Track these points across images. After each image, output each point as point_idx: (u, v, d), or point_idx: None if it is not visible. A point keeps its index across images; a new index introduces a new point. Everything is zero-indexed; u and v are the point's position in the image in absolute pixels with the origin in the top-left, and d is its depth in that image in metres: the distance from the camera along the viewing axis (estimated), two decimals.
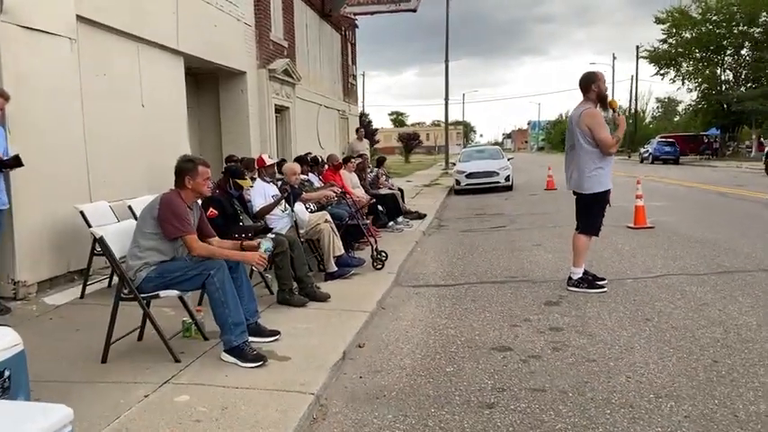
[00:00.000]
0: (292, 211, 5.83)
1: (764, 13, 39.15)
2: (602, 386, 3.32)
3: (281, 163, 7.65)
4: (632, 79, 48.97)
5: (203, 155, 9.96)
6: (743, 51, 41.56)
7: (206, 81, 11.01)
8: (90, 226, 5.30)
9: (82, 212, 5.54)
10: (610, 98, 5.48)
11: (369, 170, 11.36)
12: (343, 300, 5.21)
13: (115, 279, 5.34)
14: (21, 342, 2.66)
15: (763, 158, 22.95)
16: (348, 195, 7.54)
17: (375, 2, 15.84)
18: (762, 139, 34.20)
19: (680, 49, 42.82)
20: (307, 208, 6.47)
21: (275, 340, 4.10)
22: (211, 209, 4.98)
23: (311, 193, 6.87)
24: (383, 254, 6.62)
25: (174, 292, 3.87)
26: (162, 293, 3.81)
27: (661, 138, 37.56)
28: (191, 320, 4.25)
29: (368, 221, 7.97)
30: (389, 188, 10.68)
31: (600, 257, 6.69)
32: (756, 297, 4.90)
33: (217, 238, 4.26)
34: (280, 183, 6.25)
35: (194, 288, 3.92)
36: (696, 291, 5.21)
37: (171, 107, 8.49)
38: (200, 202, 4.31)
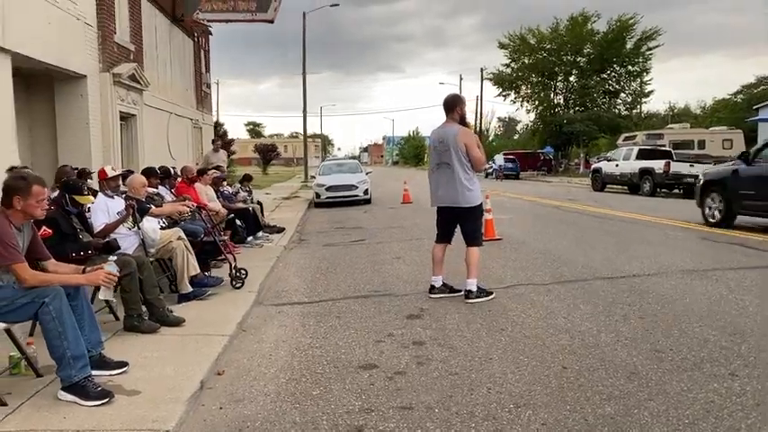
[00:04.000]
0: (139, 228, 5.38)
1: (588, 45, 44.01)
2: (466, 399, 3.39)
3: (126, 175, 7.05)
4: (477, 99, 52.37)
5: (35, 164, 8.98)
6: (571, 78, 46.29)
7: (39, 83, 9.94)
8: None
9: None
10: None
11: (228, 184, 10.92)
12: (199, 323, 4.88)
13: None
14: None
15: (590, 175, 25.65)
16: (203, 209, 7.14)
17: (230, 9, 15.34)
18: (588, 157, 38.14)
19: (520, 74, 46.72)
20: (160, 224, 6.01)
21: (123, 372, 3.72)
22: (45, 228, 4.43)
23: (162, 207, 6.40)
24: (243, 271, 6.35)
25: (1, 325, 3.36)
26: None
27: (504, 155, 40.47)
28: (19, 355, 3.72)
29: (225, 237, 7.61)
30: (244, 203, 10.30)
31: (455, 270, 6.94)
32: (595, 304, 5.35)
33: (53, 260, 3.79)
34: (124, 196, 5.74)
35: (25, 319, 3.44)
36: (543, 300, 5.58)
37: None
38: (31, 220, 3.80)
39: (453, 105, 5.66)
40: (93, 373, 3.46)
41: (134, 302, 4.67)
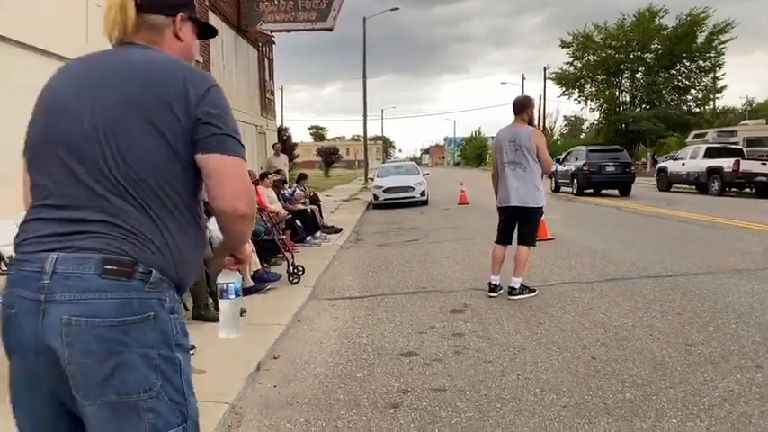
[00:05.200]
0: (205, 227, 5.90)
1: (656, 41, 42.68)
2: (495, 383, 3.67)
3: None
4: (540, 99, 51.68)
5: None
6: (638, 75, 45.01)
7: None
8: None
9: None
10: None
11: (287, 186, 11.50)
12: (259, 314, 5.35)
13: None
14: None
15: (655, 175, 24.98)
16: (264, 211, 7.67)
17: (291, 20, 16.01)
18: (656, 156, 37.00)
19: (584, 72, 45.79)
20: None
21: (191, 355, 4.19)
22: None
23: None
24: (300, 268, 6.80)
25: None
26: None
27: (567, 154, 39.76)
28: None
29: (284, 237, 8.12)
30: (303, 204, 10.84)
31: (503, 269, 7.17)
32: (635, 301, 5.48)
33: None
34: None
35: None
36: (584, 297, 5.75)
37: None
38: None
39: (524, 107, 5.82)
40: None
41: (201, 294, 5.18)
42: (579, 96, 46.73)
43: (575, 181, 20.81)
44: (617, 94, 46.04)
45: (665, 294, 5.67)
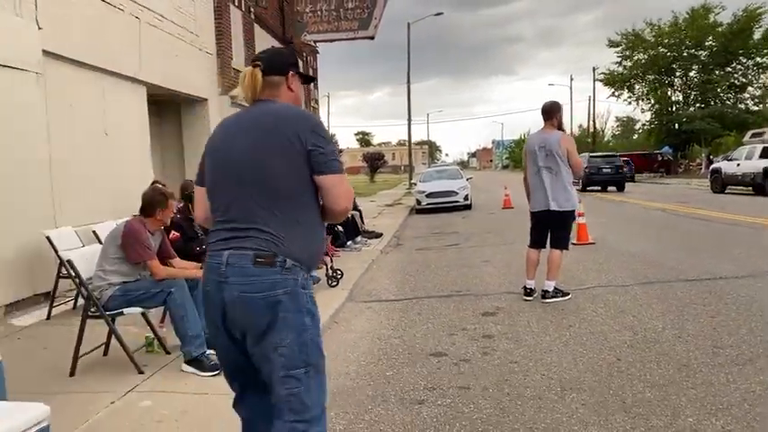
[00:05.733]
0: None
1: (710, 38, 41.31)
2: (518, 382, 3.80)
3: None
4: (590, 99, 50.76)
5: (167, 180, 10.26)
6: (691, 73, 43.62)
7: (169, 107, 11.35)
8: (56, 250, 5.61)
9: (48, 237, 5.83)
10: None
11: None
12: None
13: (80, 301, 5.63)
14: None
15: (709, 176, 24.23)
16: None
17: (334, 30, 16.39)
18: (711, 156, 35.80)
19: (634, 71, 44.68)
20: None
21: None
22: (173, 232, 5.35)
23: None
24: (338, 272, 7.05)
25: (138, 310, 4.24)
26: (126, 311, 4.18)
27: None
28: (153, 336, 4.60)
29: None
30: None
31: (539, 272, 7.22)
32: (669, 304, 5.48)
33: (177, 258, 4.64)
34: None
35: (157, 305, 4.28)
36: (618, 300, 5.77)
37: (134, 134, 8.83)
38: (162, 227, 4.69)
39: (552, 112, 5.91)
40: (209, 351, 4.23)
41: None
42: (629, 97, 45.65)
43: (580, 181, 24.17)
44: (669, 93, 44.74)
45: (701, 298, 5.64)
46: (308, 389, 2.10)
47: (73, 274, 4.37)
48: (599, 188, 25.56)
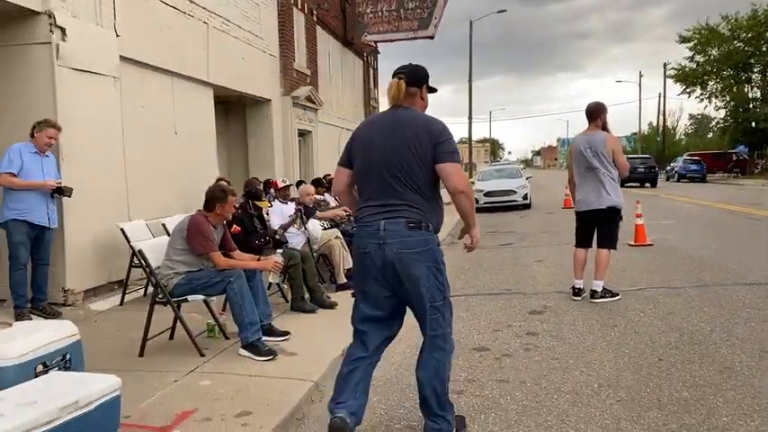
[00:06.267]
0: (305, 228, 6.53)
1: None
2: (557, 378, 3.90)
3: (299, 184, 8.38)
4: (659, 97, 48.98)
5: (231, 177, 10.78)
6: None
7: (234, 108, 11.89)
8: (129, 242, 6.08)
9: (122, 230, 6.32)
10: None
11: None
12: (349, 307, 5.74)
13: (150, 289, 6.08)
14: (78, 333, 3.40)
15: None
16: None
17: (394, 30, 16.64)
18: None
19: (707, 68, 42.78)
20: (322, 226, 7.17)
21: (285, 339, 4.77)
22: (235, 226, 5.71)
23: (325, 212, 7.57)
24: None
25: (200, 297, 4.59)
26: (190, 297, 4.54)
27: (688, 156, 37.43)
28: (214, 322, 4.96)
29: None
30: None
31: (588, 272, 7.20)
32: (721, 307, 5.40)
33: (237, 251, 4.97)
34: (295, 202, 6.96)
35: (217, 293, 4.62)
36: (669, 302, 5.72)
37: (201, 134, 9.35)
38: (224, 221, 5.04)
39: (597, 113, 5.96)
40: (264, 338, 4.53)
41: (298, 288, 5.78)
42: (701, 94, 43.73)
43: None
44: (746, 89, 42.58)
45: (757, 302, 5.52)
46: (443, 314, 3.03)
47: (143, 263, 4.78)
48: (637, 184, 28.88)
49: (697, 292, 6.08)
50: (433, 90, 3.17)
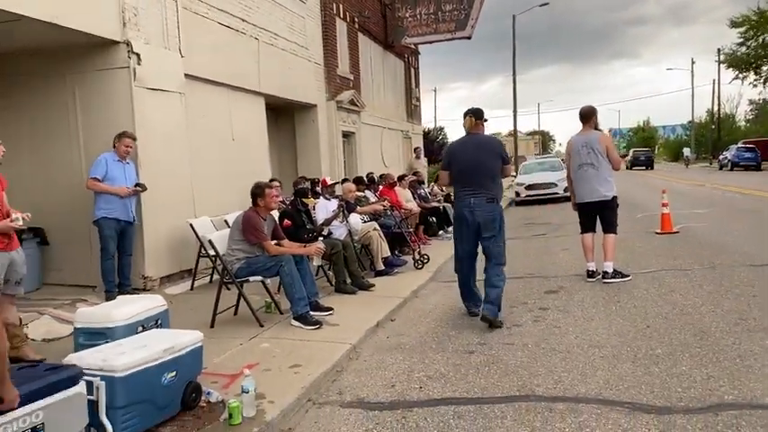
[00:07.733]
0: (347, 221, 7.40)
1: None
2: (554, 341, 4.63)
3: (344, 181, 9.25)
4: (714, 83, 47.77)
5: (282, 176, 11.77)
6: None
7: (283, 113, 12.89)
8: (197, 235, 7.09)
9: (191, 225, 7.33)
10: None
11: (425, 185, 12.80)
12: (385, 290, 6.70)
13: (215, 276, 7.08)
14: (166, 304, 4.35)
15: None
16: (396, 208, 9.04)
17: (432, 32, 17.36)
18: None
19: (760, 51, 41.52)
20: (362, 219, 8.03)
21: (330, 314, 5.63)
22: (286, 220, 6.63)
23: (365, 207, 8.43)
24: (425, 257, 8.06)
25: (258, 278, 5.52)
26: (251, 278, 5.47)
27: (741, 144, 36.47)
28: (271, 301, 5.88)
29: (411, 230, 9.42)
30: (438, 201, 12.11)
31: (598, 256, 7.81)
32: (719, 285, 5.97)
33: (286, 240, 5.89)
34: (339, 198, 7.84)
35: (272, 275, 5.53)
36: (672, 281, 6.32)
37: (255, 139, 10.36)
38: (276, 214, 5.95)
39: (589, 115, 6.77)
40: (311, 312, 5.42)
41: (340, 272, 6.66)
42: (755, 79, 42.45)
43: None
44: None
45: (758, 281, 6.04)
46: (502, 251, 5.42)
47: (212, 252, 5.74)
48: (643, 167, 41.89)
49: (702, 272, 6.64)
50: (485, 120, 5.54)
